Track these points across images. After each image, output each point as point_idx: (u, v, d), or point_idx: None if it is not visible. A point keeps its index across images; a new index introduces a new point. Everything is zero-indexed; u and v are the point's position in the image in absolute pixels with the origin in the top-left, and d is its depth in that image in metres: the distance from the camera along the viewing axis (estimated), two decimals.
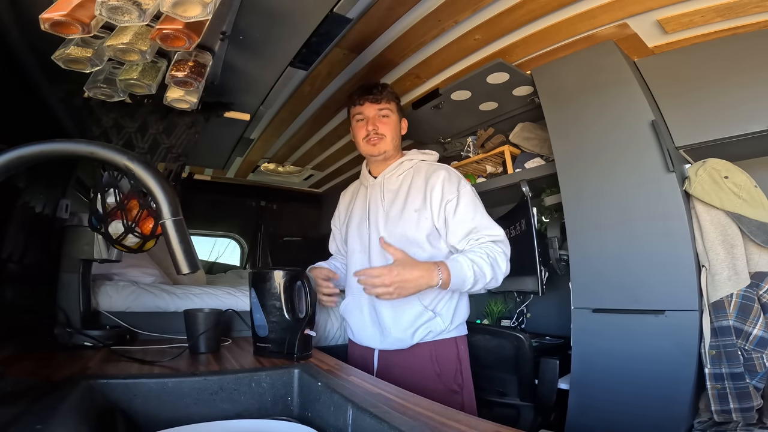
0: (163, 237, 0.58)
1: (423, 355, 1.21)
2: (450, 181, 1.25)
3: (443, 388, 1.20)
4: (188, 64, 0.89)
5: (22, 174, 1.12)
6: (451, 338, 1.25)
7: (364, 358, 1.30)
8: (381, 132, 1.31)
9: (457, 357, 1.24)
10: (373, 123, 1.31)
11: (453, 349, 1.25)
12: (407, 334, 1.20)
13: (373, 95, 1.32)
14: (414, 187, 1.28)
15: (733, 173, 1.32)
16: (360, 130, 1.33)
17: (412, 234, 1.23)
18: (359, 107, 1.33)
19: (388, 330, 1.22)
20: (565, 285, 1.65)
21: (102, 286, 1.36)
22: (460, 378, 1.23)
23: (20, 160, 0.54)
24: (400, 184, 1.32)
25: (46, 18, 0.65)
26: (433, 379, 1.20)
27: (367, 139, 1.31)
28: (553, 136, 1.66)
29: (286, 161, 2.94)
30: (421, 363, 1.21)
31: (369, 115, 1.32)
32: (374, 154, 1.32)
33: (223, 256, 3.63)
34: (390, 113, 1.34)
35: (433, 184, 1.25)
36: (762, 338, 1.20)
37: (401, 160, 1.35)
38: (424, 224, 1.23)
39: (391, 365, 1.24)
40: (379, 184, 1.34)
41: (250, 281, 1.11)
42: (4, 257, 1.05)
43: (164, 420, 0.74)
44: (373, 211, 1.32)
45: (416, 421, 0.57)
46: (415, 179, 1.30)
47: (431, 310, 1.22)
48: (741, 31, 1.38)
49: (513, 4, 1.37)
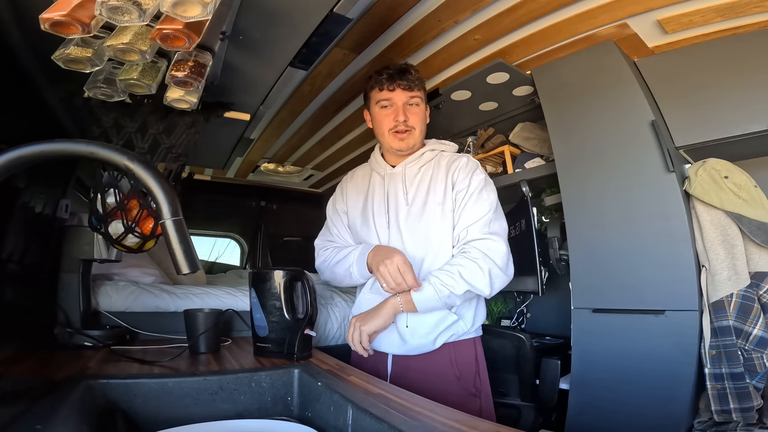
0: (163, 237, 0.58)
1: (442, 358, 1.13)
2: (465, 169, 1.17)
3: (462, 392, 1.13)
4: (188, 64, 0.89)
5: (22, 174, 1.13)
6: (470, 339, 1.18)
7: (374, 362, 1.19)
8: (411, 123, 1.18)
9: (475, 359, 1.18)
10: (403, 113, 1.17)
11: (471, 350, 1.18)
12: (429, 340, 1.12)
13: (407, 81, 1.17)
14: (436, 177, 1.19)
15: (733, 173, 1.31)
16: (386, 118, 1.19)
17: (435, 229, 1.15)
18: (388, 93, 1.18)
19: (407, 335, 1.13)
20: (565, 285, 1.65)
21: (102, 286, 1.36)
22: (479, 381, 1.16)
23: (20, 160, 0.54)
24: (421, 176, 1.21)
25: (46, 18, 0.65)
26: (452, 383, 1.13)
27: (395, 131, 1.18)
28: (553, 136, 1.66)
29: (286, 161, 2.94)
30: (439, 367, 1.13)
31: (399, 102, 1.18)
32: (402, 148, 1.20)
33: (223, 256, 3.63)
34: (420, 102, 1.21)
35: (453, 173, 1.17)
36: (762, 338, 1.19)
37: (422, 151, 1.24)
38: (449, 218, 1.15)
39: (406, 370, 1.15)
40: (400, 175, 1.23)
41: (250, 281, 1.10)
42: (4, 257, 1.06)
43: (164, 420, 0.74)
44: (393, 204, 1.21)
45: (416, 421, 0.57)
46: (437, 170, 1.20)
47: (455, 313, 1.13)
48: (741, 31, 1.38)
49: (513, 4, 1.37)
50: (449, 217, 1.15)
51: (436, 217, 1.15)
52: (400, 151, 1.22)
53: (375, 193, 1.27)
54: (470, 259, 1.07)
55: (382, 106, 1.21)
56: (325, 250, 1.31)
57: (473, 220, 1.13)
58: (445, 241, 1.15)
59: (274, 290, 1.05)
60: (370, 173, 1.32)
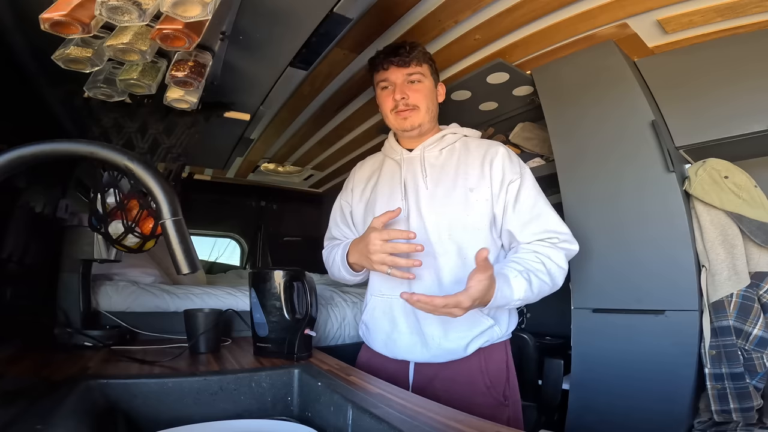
0: (163, 237, 0.58)
1: (472, 365, 1.02)
2: (512, 161, 1.07)
3: (492, 401, 1.02)
4: (188, 64, 0.89)
5: (22, 174, 1.12)
6: (502, 342, 1.08)
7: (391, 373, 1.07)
8: (412, 102, 1.09)
9: (506, 365, 1.08)
10: (401, 91, 1.09)
11: (503, 355, 1.08)
12: (460, 345, 1.01)
13: (399, 56, 1.09)
14: (464, 162, 1.09)
15: (733, 173, 1.31)
16: (386, 99, 1.12)
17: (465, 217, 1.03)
18: (383, 72, 1.12)
19: (433, 340, 1.02)
20: (565, 285, 1.65)
21: (102, 286, 1.36)
22: (508, 389, 1.06)
23: (20, 160, 0.54)
24: (445, 160, 1.11)
25: (46, 18, 0.65)
26: (482, 393, 1.02)
27: (396, 111, 1.10)
28: (553, 137, 1.66)
29: (286, 161, 2.94)
30: (469, 374, 1.02)
31: (396, 81, 1.10)
32: (406, 128, 1.11)
33: (223, 256, 3.64)
34: (423, 78, 1.11)
35: (492, 159, 1.06)
36: (762, 338, 1.19)
37: (443, 133, 1.15)
38: (482, 207, 1.04)
39: (431, 378, 1.04)
40: (419, 158, 1.13)
41: (250, 281, 1.10)
42: (4, 257, 1.06)
43: (164, 420, 0.74)
44: (412, 190, 1.10)
45: (416, 421, 0.57)
46: (465, 154, 1.10)
47: (490, 316, 1.03)
48: (741, 31, 1.38)
49: (513, 4, 1.37)
50: (483, 208, 1.04)
51: (464, 205, 1.04)
52: (405, 131, 1.13)
53: (384, 178, 1.18)
54: (556, 261, 1.01)
55: (382, 87, 1.14)
56: (324, 250, 1.28)
57: (549, 218, 1.04)
58: (478, 230, 1.04)
59: (274, 290, 1.05)
60: (382, 160, 1.23)
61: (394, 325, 1.08)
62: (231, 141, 1.65)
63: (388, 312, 1.09)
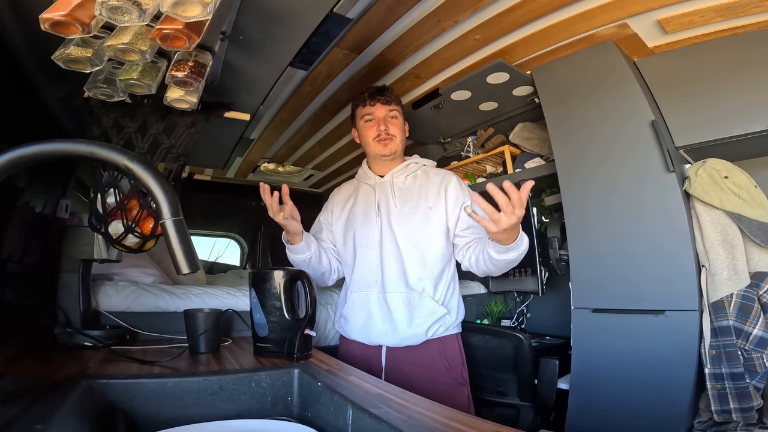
0: (163, 237, 0.58)
1: (432, 350, 1.27)
2: (463, 187, 1.36)
3: (453, 381, 1.26)
4: (188, 64, 0.89)
5: (22, 174, 1.13)
6: (454, 334, 1.32)
7: (366, 357, 1.30)
8: (392, 132, 1.37)
9: (460, 353, 1.32)
10: (384, 123, 1.36)
11: (456, 345, 1.32)
12: (422, 330, 1.25)
13: (384, 97, 1.37)
14: (425, 186, 1.35)
15: (733, 173, 1.31)
16: (370, 130, 1.38)
17: (425, 229, 1.30)
18: (370, 108, 1.38)
19: (401, 326, 1.25)
20: (565, 285, 1.65)
21: (102, 286, 1.36)
22: (465, 372, 1.31)
23: (20, 160, 0.54)
24: (410, 184, 1.38)
25: (46, 18, 0.65)
26: (443, 373, 1.26)
27: (378, 138, 1.36)
28: (553, 136, 1.66)
29: (286, 161, 2.94)
30: (431, 358, 1.26)
31: (380, 116, 1.37)
32: (386, 153, 1.37)
33: (223, 256, 3.64)
34: (398, 115, 1.40)
35: (447, 186, 1.33)
36: (762, 338, 1.20)
37: (407, 162, 1.42)
38: (438, 220, 1.30)
39: (401, 363, 1.27)
40: (389, 183, 1.39)
41: (250, 281, 1.10)
42: (4, 257, 1.06)
43: (164, 420, 0.74)
44: (384, 208, 1.35)
45: (416, 422, 0.57)
46: (425, 180, 1.37)
47: (444, 306, 1.28)
48: (741, 31, 1.38)
49: (513, 4, 1.37)
50: (441, 220, 1.30)
51: (424, 220, 1.30)
52: (384, 156, 1.38)
53: (361, 200, 1.41)
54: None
55: (366, 120, 1.39)
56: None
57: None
58: (436, 239, 1.29)
59: (274, 290, 1.05)
60: (357, 186, 1.47)
61: (369, 315, 1.29)
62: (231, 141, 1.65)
63: (365, 304, 1.30)
